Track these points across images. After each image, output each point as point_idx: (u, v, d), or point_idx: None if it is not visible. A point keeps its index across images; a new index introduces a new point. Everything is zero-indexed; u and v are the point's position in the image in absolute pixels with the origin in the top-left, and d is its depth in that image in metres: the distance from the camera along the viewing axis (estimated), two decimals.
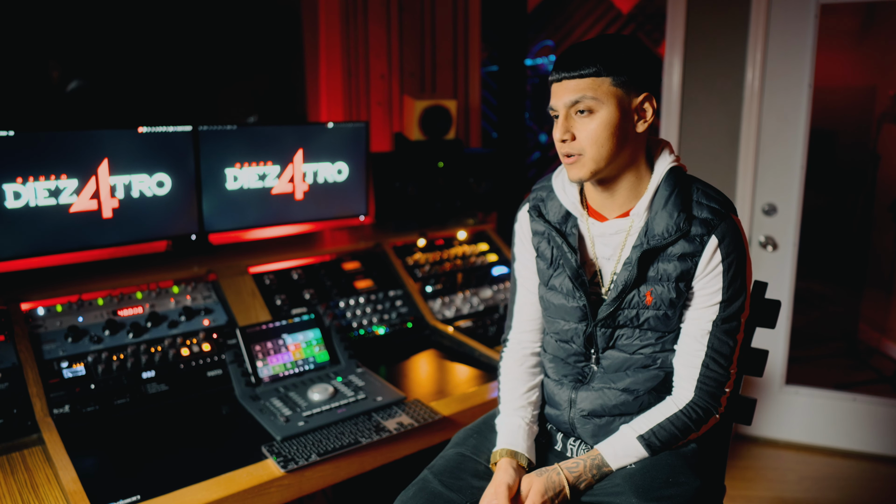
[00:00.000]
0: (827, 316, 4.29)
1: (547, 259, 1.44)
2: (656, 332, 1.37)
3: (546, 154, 4.65)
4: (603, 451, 1.37)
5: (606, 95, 1.26)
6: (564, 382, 1.47)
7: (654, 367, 1.40)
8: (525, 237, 1.49)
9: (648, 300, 1.33)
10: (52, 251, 2.07)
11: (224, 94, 2.99)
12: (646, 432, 1.35)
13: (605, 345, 1.40)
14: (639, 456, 1.36)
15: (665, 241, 1.30)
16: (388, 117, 3.04)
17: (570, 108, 1.28)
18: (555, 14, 4.50)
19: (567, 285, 1.40)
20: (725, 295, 1.32)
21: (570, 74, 1.27)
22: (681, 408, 1.36)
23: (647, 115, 1.30)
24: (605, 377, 1.42)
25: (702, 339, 1.34)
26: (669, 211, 1.31)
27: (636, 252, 1.33)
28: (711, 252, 1.30)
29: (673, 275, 1.32)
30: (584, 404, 1.43)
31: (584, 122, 1.27)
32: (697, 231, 1.30)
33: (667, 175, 1.33)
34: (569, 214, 1.41)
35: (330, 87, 2.90)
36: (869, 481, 2.89)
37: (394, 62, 3.00)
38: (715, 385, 1.35)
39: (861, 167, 3.99)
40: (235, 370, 1.92)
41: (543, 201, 1.45)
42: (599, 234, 1.39)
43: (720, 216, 1.31)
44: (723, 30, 2.97)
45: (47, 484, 1.51)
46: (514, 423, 1.46)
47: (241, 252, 2.39)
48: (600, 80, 1.25)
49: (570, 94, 1.27)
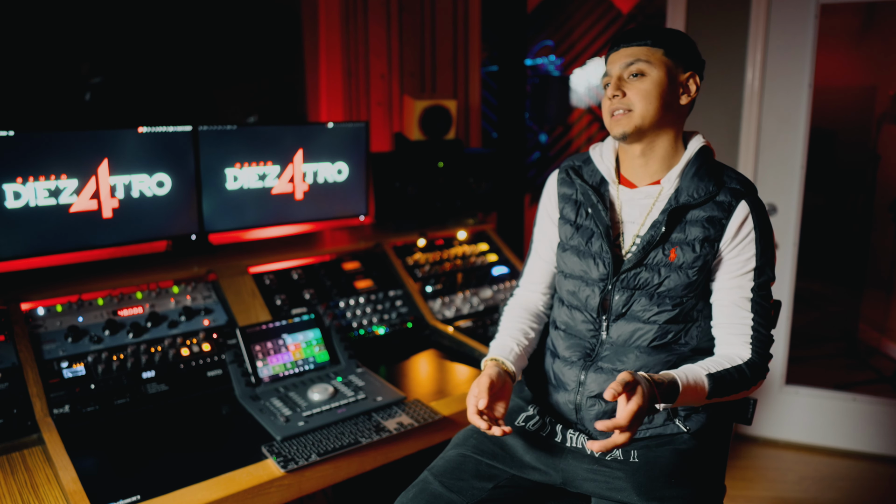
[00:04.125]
0: (827, 316, 4.29)
1: (571, 220, 1.50)
2: (675, 298, 1.39)
3: (546, 154, 4.64)
4: (674, 373, 1.32)
5: (658, 62, 1.38)
6: (573, 360, 1.47)
7: (664, 345, 1.40)
8: (550, 202, 1.57)
9: (672, 257, 1.39)
10: (52, 251, 2.07)
11: (224, 94, 2.99)
12: (715, 372, 1.35)
13: (619, 311, 1.42)
14: (702, 391, 1.31)
15: (695, 201, 1.37)
16: (388, 117, 3.04)
17: (624, 70, 1.39)
18: (555, 14, 4.50)
19: (594, 244, 1.45)
20: (760, 261, 1.38)
21: (629, 44, 1.40)
22: (744, 361, 1.39)
23: (690, 91, 1.42)
24: (613, 355, 1.42)
25: (746, 306, 1.39)
26: (700, 177, 1.39)
27: (664, 213, 1.39)
28: (742, 219, 1.37)
29: (699, 237, 1.37)
30: (592, 386, 1.43)
31: (636, 82, 1.38)
32: (726, 198, 1.38)
33: (698, 152, 1.42)
34: (602, 180, 1.49)
35: (330, 87, 2.90)
36: (869, 481, 2.89)
37: (394, 62, 3.00)
38: (765, 346, 1.41)
39: (861, 167, 4.00)
40: (235, 370, 1.92)
41: (580, 167, 1.54)
42: (628, 199, 1.46)
43: (749, 189, 1.40)
44: (723, 30, 2.97)
45: (47, 484, 1.51)
46: (507, 343, 1.51)
47: (241, 252, 2.39)
48: (654, 49, 1.38)
49: (626, 58, 1.39)
